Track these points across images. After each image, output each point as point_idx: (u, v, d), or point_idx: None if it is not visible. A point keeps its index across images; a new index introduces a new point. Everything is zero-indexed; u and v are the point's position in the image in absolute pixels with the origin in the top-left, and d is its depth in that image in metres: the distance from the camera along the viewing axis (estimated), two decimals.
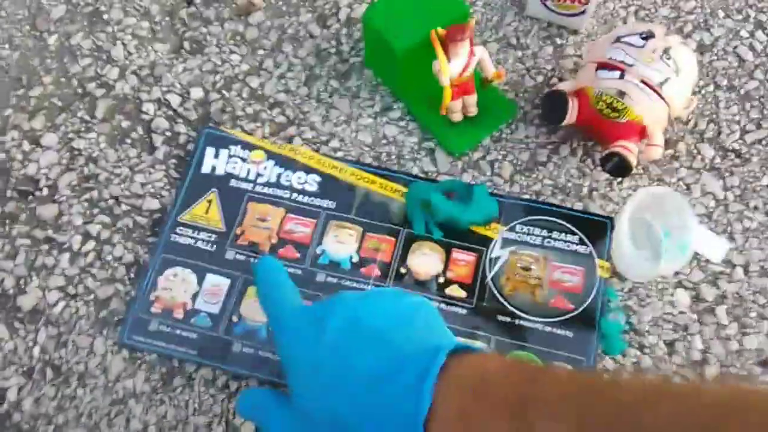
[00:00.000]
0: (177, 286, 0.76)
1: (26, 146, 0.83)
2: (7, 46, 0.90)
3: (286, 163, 0.82)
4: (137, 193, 0.81)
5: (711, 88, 0.84)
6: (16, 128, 0.84)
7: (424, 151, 0.83)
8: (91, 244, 0.78)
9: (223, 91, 0.86)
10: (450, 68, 0.76)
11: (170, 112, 0.85)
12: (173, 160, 0.82)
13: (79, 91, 0.87)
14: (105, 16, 0.91)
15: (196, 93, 0.86)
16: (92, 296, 0.76)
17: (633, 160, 0.75)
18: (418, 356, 0.46)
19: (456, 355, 0.46)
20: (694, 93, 0.81)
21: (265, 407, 0.55)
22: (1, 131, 0.84)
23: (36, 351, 0.73)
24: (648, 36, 0.76)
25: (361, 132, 0.84)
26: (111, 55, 0.89)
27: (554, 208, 0.78)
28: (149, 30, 0.91)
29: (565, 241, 0.76)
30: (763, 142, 0.81)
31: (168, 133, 0.84)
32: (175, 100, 0.86)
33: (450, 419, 0.43)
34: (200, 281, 0.76)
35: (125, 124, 0.85)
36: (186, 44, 0.90)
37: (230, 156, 0.83)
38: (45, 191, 0.81)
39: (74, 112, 0.85)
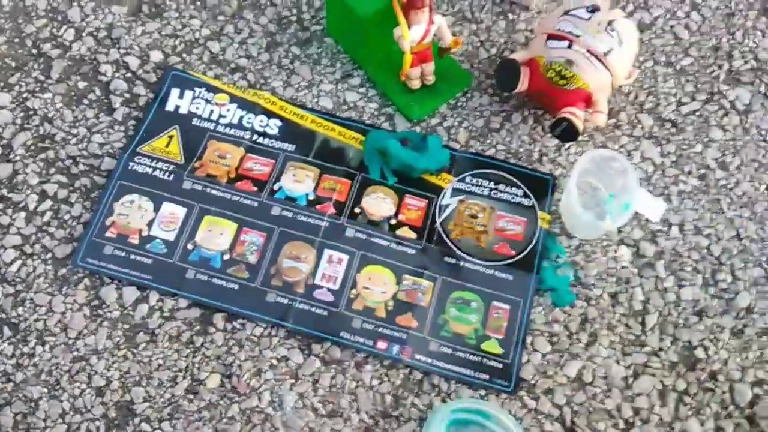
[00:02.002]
0: (133, 212, 0.76)
1: None
2: None
3: (249, 107, 0.84)
4: (95, 153, 0.80)
5: (650, 63, 0.90)
6: None
7: (383, 117, 0.85)
8: (47, 204, 0.77)
9: (184, 55, 0.87)
10: (411, 35, 0.79)
11: (129, 74, 0.85)
12: (132, 122, 0.82)
13: (34, 51, 0.85)
14: None
15: (156, 56, 0.86)
16: (50, 255, 0.75)
17: (580, 126, 0.80)
18: None
19: None
20: (634, 65, 0.86)
21: None
22: None
23: None
24: (594, 9, 0.81)
25: (322, 98, 0.86)
26: (67, 16, 0.87)
27: (502, 164, 0.82)
28: None
29: (511, 194, 0.81)
30: (697, 114, 0.87)
31: (126, 95, 0.84)
32: (134, 62, 0.85)
33: None
34: (157, 209, 0.77)
35: (82, 84, 0.84)
36: (145, 8, 0.89)
37: (194, 97, 0.83)
38: None
39: (29, 72, 0.84)
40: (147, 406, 0.69)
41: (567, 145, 0.84)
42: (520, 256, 0.77)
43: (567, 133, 0.80)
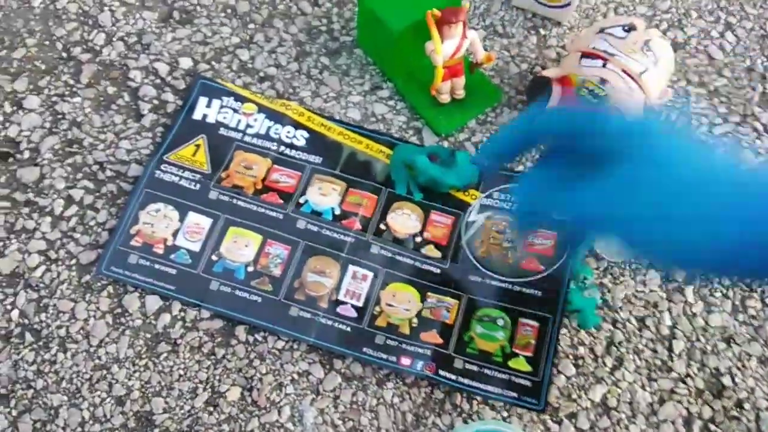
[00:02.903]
0: (159, 221, 0.76)
1: (8, 108, 0.82)
2: None
3: (277, 117, 0.83)
4: (122, 160, 0.80)
5: (683, 83, 0.89)
6: None
7: (411, 130, 0.84)
8: (73, 209, 0.77)
9: (213, 63, 0.86)
10: (443, 49, 0.78)
11: (158, 81, 0.85)
12: (160, 129, 0.82)
13: (64, 55, 0.85)
14: None
15: (185, 63, 0.86)
16: (74, 261, 0.75)
17: None
18: None
19: None
20: (669, 85, 0.85)
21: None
22: None
23: (15, 314, 0.72)
24: (630, 28, 0.79)
25: (350, 109, 0.85)
26: (98, 20, 0.87)
27: None
28: None
29: None
30: (729, 135, 0.86)
31: (155, 101, 0.83)
32: (163, 68, 0.85)
33: None
34: (182, 218, 0.77)
35: (111, 90, 0.84)
36: (175, 14, 0.89)
37: (222, 106, 0.83)
38: (26, 154, 0.79)
39: (58, 75, 0.84)
40: (167, 417, 0.68)
41: None
42: (549, 272, 0.76)
43: None
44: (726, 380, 0.73)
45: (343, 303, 0.74)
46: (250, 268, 0.75)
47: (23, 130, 0.81)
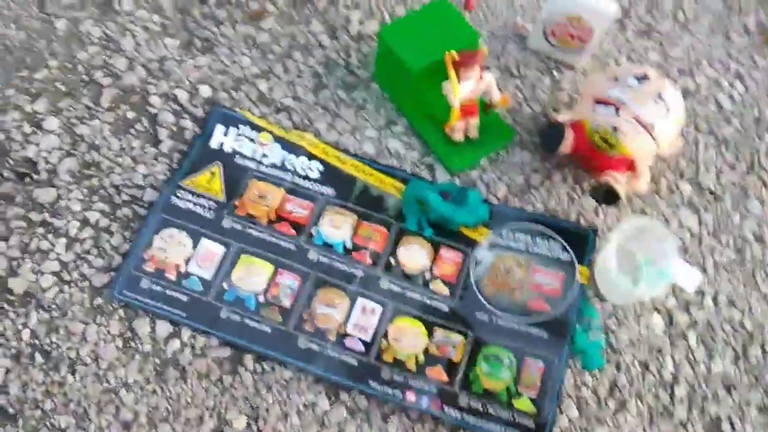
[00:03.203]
0: (172, 247, 0.77)
1: (27, 128, 0.83)
2: (13, 25, 0.89)
3: (292, 148, 0.84)
4: (139, 184, 0.81)
5: (692, 130, 0.91)
6: (18, 109, 0.84)
7: (424, 166, 0.86)
8: (88, 231, 0.78)
9: (232, 92, 0.88)
10: (460, 90, 0.79)
11: (177, 107, 0.86)
12: (177, 155, 0.83)
13: (85, 78, 0.87)
14: (116, 6, 0.92)
15: (205, 91, 0.87)
16: (87, 283, 0.75)
17: (622, 191, 0.80)
18: None
19: None
20: (679, 134, 0.86)
21: None
22: (2, 111, 0.83)
23: (26, 334, 0.72)
24: (643, 78, 0.81)
25: (365, 143, 0.86)
26: (120, 45, 0.89)
27: (540, 217, 0.82)
28: (160, 24, 0.91)
29: (548, 248, 0.80)
30: (736, 184, 0.87)
31: (174, 128, 0.85)
32: (182, 95, 0.87)
33: None
34: (195, 245, 0.77)
35: (130, 114, 0.85)
36: (197, 42, 0.91)
37: (238, 135, 0.84)
38: (44, 175, 0.80)
39: (78, 98, 0.85)
40: None
41: (605, 207, 0.84)
42: (555, 313, 0.77)
43: (608, 197, 0.80)
44: (726, 427, 0.74)
45: (350, 336, 0.74)
46: (261, 298, 0.75)
47: (42, 150, 0.82)
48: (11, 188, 0.79)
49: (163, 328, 0.74)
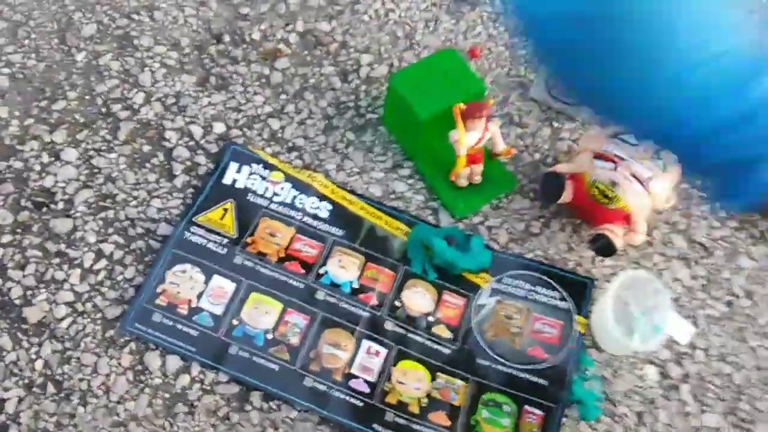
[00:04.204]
0: (184, 282, 0.79)
1: (45, 158, 0.85)
2: (33, 56, 0.91)
3: (303, 188, 0.87)
4: (153, 218, 0.83)
5: (685, 185, 0.94)
6: (36, 139, 0.86)
7: (429, 210, 0.89)
8: (102, 263, 0.80)
9: (245, 129, 0.90)
10: (466, 140, 0.83)
11: (192, 143, 0.88)
12: (191, 190, 0.85)
13: (104, 110, 0.89)
14: (135, 41, 0.94)
15: (219, 127, 0.90)
16: (100, 315, 0.77)
17: (618, 244, 0.83)
18: None
19: None
20: (673, 189, 0.90)
21: None
22: (21, 140, 0.85)
23: (39, 364, 0.74)
24: None
25: (372, 185, 0.89)
26: (138, 80, 0.92)
27: (540, 266, 0.86)
28: (177, 61, 0.94)
29: (548, 296, 0.84)
30: (727, 239, 0.91)
31: (188, 163, 0.87)
32: (197, 131, 0.89)
33: None
34: (207, 281, 0.80)
35: (146, 148, 0.87)
36: (212, 79, 0.94)
37: (251, 173, 0.87)
38: (60, 205, 0.82)
39: (96, 130, 0.88)
40: None
41: (602, 258, 0.88)
42: (553, 361, 0.79)
43: (604, 249, 0.84)
44: None
45: (356, 377, 0.77)
46: (269, 336, 0.78)
47: (59, 181, 0.84)
48: (28, 217, 0.81)
49: (174, 362, 0.75)
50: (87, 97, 0.90)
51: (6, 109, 0.87)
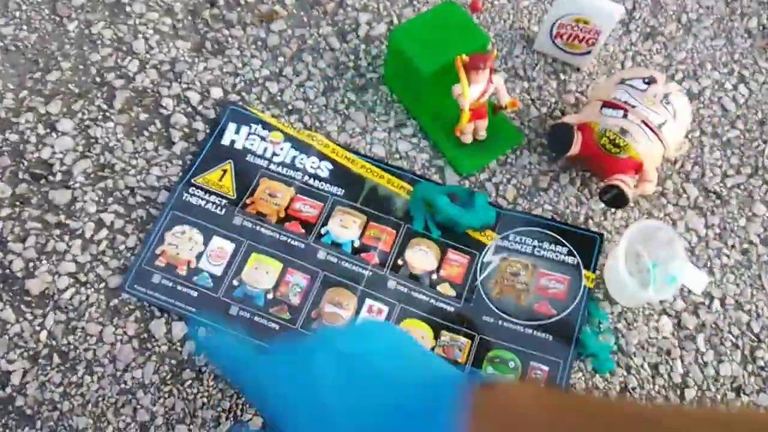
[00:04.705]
0: (183, 243, 0.78)
1: (41, 130, 0.83)
2: (25, 27, 0.89)
3: (303, 148, 0.85)
4: (153, 186, 0.82)
5: (697, 133, 0.92)
6: (32, 111, 0.84)
7: (434, 168, 0.87)
8: (104, 233, 0.79)
9: (243, 93, 0.88)
10: (470, 93, 0.80)
11: (189, 109, 0.87)
12: (190, 156, 0.84)
13: (98, 80, 0.87)
14: (127, 9, 0.92)
15: (216, 93, 0.88)
16: (103, 285, 0.76)
17: (630, 194, 0.81)
18: (438, 388, 0.42)
19: (477, 388, 0.41)
20: (685, 137, 0.88)
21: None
22: (16, 113, 0.84)
23: (43, 335, 0.73)
24: (650, 81, 0.82)
25: (375, 145, 0.87)
26: (132, 47, 0.90)
27: (547, 221, 0.84)
28: (171, 27, 0.92)
29: (554, 252, 0.82)
30: (741, 187, 0.89)
31: (186, 130, 0.85)
32: (194, 97, 0.87)
33: None
34: (206, 242, 0.79)
35: (143, 116, 0.86)
36: (208, 44, 0.91)
37: (250, 133, 0.85)
38: (59, 176, 0.81)
39: (92, 100, 0.86)
40: None
41: (613, 210, 0.85)
42: (560, 316, 0.78)
43: (616, 200, 0.81)
44: None
45: None
46: (270, 296, 0.76)
47: (56, 152, 0.82)
48: (27, 190, 0.80)
49: (179, 329, 0.74)
50: (81, 67, 0.88)
51: (0, 83, 0.85)
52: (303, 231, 0.80)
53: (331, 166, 0.85)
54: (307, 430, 0.45)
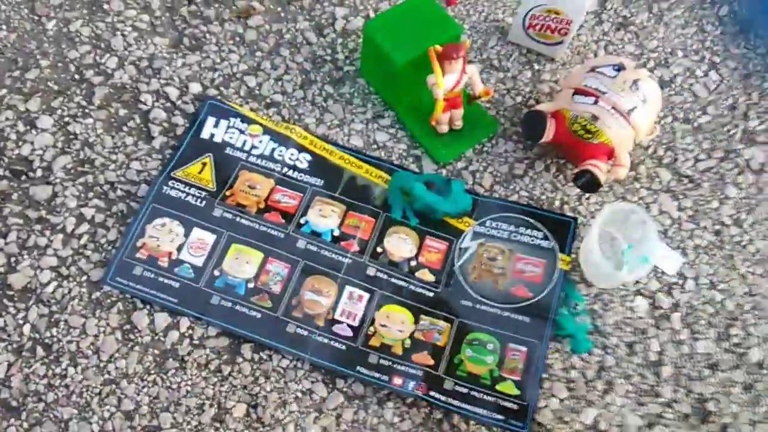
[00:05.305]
0: (164, 235, 0.79)
1: (21, 127, 0.84)
2: (4, 27, 0.90)
3: (281, 140, 0.87)
4: (133, 180, 0.83)
5: (669, 119, 0.94)
6: (11, 109, 0.85)
7: (411, 158, 0.88)
8: (85, 227, 0.79)
9: (221, 88, 0.90)
10: (444, 83, 0.82)
11: (168, 104, 0.88)
12: (169, 151, 0.85)
13: (77, 77, 0.88)
14: (105, 6, 0.93)
15: (195, 88, 0.89)
16: (85, 278, 0.77)
17: (602, 178, 0.82)
18: None
19: None
20: (656, 122, 0.90)
21: None
22: None
23: (26, 329, 0.74)
24: (620, 68, 0.84)
25: (353, 136, 0.88)
26: (110, 44, 0.90)
27: (523, 207, 0.85)
28: (149, 24, 0.93)
29: (530, 236, 0.83)
30: (713, 170, 0.90)
31: (165, 124, 0.86)
32: (173, 93, 0.88)
33: None
34: (187, 233, 0.80)
35: (122, 112, 0.87)
36: (186, 40, 0.92)
37: (229, 127, 0.86)
38: (39, 172, 0.82)
39: (71, 97, 0.87)
40: None
41: (588, 195, 0.87)
42: (537, 299, 0.79)
43: (589, 184, 0.83)
44: (711, 406, 0.76)
45: (339, 322, 0.77)
46: (251, 285, 0.77)
47: (36, 149, 0.83)
48: (8, 186, 0.81)
49: (162, 319, 0.75)
50: (60, 65, 0.89)
51: None
52: (283, 221, 0.81)
53: (309, 158, 0.86)
54: None
